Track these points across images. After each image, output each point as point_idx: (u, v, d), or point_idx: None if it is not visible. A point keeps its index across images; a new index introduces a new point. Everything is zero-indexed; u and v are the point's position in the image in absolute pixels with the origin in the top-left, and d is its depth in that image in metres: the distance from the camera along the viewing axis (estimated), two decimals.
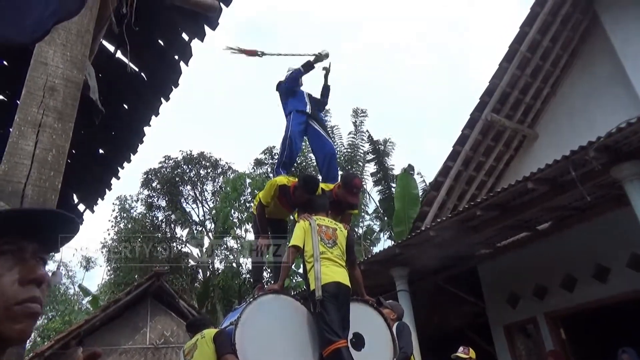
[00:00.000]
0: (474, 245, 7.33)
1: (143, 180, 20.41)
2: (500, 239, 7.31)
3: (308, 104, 5.31)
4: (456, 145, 8.69)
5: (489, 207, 5.96)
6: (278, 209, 4.50)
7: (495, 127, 8.66)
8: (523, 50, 8.18)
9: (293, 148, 5.06)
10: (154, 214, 20.52)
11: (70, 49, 2.08)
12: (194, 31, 3.06)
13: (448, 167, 8.78)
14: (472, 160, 8.86)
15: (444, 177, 8.81)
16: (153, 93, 3.46)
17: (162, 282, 10.16)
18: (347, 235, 3.78)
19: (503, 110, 8.63)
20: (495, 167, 9.13)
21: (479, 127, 8.54)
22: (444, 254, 7.14)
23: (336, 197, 4.35)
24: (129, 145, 3.91)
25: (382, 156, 15.63)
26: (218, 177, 21.17)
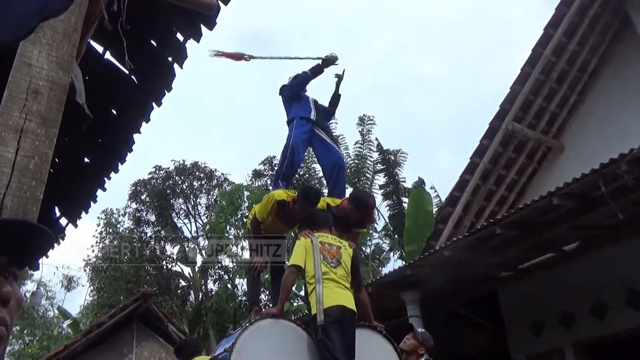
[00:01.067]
0: (493, 267, 7.29)
1: (131, 193, 20.48)
2: (522, 260, 7.27)
3: (313, 110, 5.33)
4: (474, 157, 8.69)
5: (510, 225, 5.94)
6: (276, 225, 4.49)
7: (517, 138, 8.66)
8: (547, 54, 8.21)
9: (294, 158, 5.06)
10: (143, 230, 20.52)
11: (57, 49, 2.11)
12: (190, 31, 3.10)
13: (465, 181, 8.77)
14: (491, 174, 8.84)
15: (460, 192, 8.79)
16: (144, 97, 3.50)
17: (149, 304, 10.13)
18: (352, 254, 3.78)
19: (526, 119, 8.64)
20: (516, 181, 9.11)
21: (499, 138, 8.54)
22: (460, 276, 7.10)
23: (344, 213, 4.34)
24: (117, 153, 3.94)
25: (393, 167, 15.65)
26: (213, 189, 21.21)
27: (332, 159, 5.24)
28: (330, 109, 5.68)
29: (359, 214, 4.24)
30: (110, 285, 18.96)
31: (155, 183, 20.58)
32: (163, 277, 19.80)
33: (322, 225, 3.98)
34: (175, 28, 3.17)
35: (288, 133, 5.27)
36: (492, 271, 7.50)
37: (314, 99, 5.56)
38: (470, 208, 8.88)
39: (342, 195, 5.10)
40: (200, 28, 3.06)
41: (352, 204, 4.32)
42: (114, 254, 19.26)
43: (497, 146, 8.62)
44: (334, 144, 5.42)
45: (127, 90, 3.47)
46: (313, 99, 5.53)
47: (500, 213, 7.92)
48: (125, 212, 20.88)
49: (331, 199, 4.57)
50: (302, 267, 3.61)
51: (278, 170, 5.34)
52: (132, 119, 3.66)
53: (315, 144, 5.34)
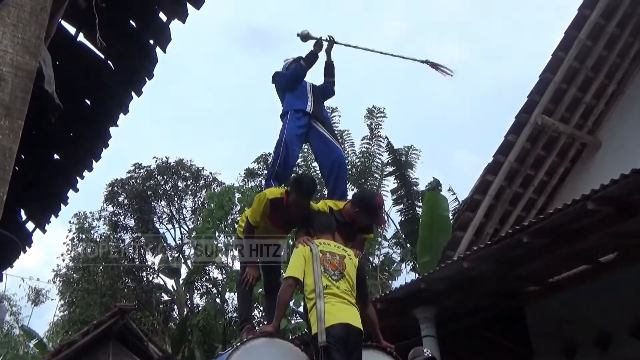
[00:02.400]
0: (519, 280, 7.28)
1: (107, 194, 20.49)
2: (552, 273, 7.26)
3: (310, 99, 5.33)
4: (498, 154, 8.68)
5: (538, 232, 5.93)
6: (269, 230, 4.50)
7: (547, 133, 8.65)
8: (583, 37, 8.20)
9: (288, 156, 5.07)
10: (120, 236, 20.56)
11: (22, 30, 2.12)
12: (174, 10, 3.11)
13: (487, 182, 8.76)
14: (517, 174, 8.83)
15: (482, 195, 8.78)
16: (122, 86, 3.50)
17: (127, 321, 10.14)
18: (358, 265, 3.78)
19: (557, 112, 8.63)
20: (546, 183, 9.10)
21: (526, 133, 8.53)
22: (481, 291, 7.09)
23: (348, 218, 4.35)
24: (91, 149, 3.95)
25: (404, 168, 15.63)
26: (200, 190, 21.23)
27: (331, 156, 5.25)
28: (328, 82, 5.67)
29: (365, 215, 4.25)
30: (83, 299, 18.97)
31: (135, 183, 20.60)
32: (143, 290, 19.81)
33: (323, 230, 3.98)
34: (158, 7, 3.18)
35: (281, 128, 5.28)
36: (517, 285, 7.48)
37: (311, 84, 5.56)
38: (493, 213, 8.87)
39: (343, 197, 5.11)
40: (186, 6, 3.07)
41: (357, 204, 4.33)
42: (88, 263, 19.28)
43: (525, 142, 8.60)
44: (333, 139, 5.42)
45: (102, 77, 3.48)
46: (310, 84, 5.53)
47: (528, 219, 7.90)
48: (101, 216, 20.92)
49: (333, 202, 4.58)
50: (301, 279, 3.62)
51: (270, 170, 5.35)
52: (108, 111, 3.66)
53: (313, 139, 5.35)
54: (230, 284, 16.01)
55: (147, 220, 20.63)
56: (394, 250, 17.24)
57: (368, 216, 4.25)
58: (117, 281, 19.38)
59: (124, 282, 19.95)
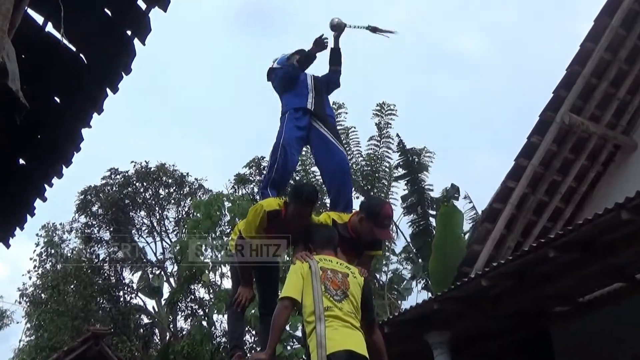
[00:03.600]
0: (545, 300, 7.28)
1: (79, 203, 20.50)
2: (582, 291, 7.26)
3: (311, 94, 5.34)
4: (520, 158, 8.69)
5: (566, 246, 5.94)
6: None
7: (575, 133, 8.66)
8: (615, 25, 8.21)
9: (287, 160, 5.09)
10: (94, 251, 20.55)
11: None
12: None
13: (508, 189, 8.76)
14: (542, 180, 8.84)
15: (502, 203, 8.79)
16: (95, 82, 3.52)
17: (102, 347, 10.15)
18: (363, 285, 3.79)
19: (586, 110, 8.64)
20: (575, 190, 9.10)
21: (552, 133, 8.54)
22: (501, 312, 7.09)
23: (353, 233, 4.35)
24: (61, 153, 3.96)
25: (417, 172, 15.66)
26: (184, 199, 21.23)
27: (333, 161, 5.26)
28: (333, 71, 5.68)
29: (369, 224, 4.25)
30: (52, 322, 18.94)
31: (110, 191, 20.60)
32: (120, 312, 19.78)
33: (324, 245, 3.98)
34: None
35: (279, 129, 5.29)
36: (543, 305, 7.48)
37: (313, 76, 5.57)
38: (515, 224, 8.87)
39: (348, 207, 5.11)
40: None
41: (362, 210, 4.34)
42: (57, 281, 19.24)
43: (550, 144, 8.61)
44: (336, 141, 5.43)
45: (74, 72, 3.49)
46: (311, 77, 5.55)
47: (554, 231, 7.89)
48: (72, 228, 20.92)
49: (337, 214, 4.59)
50: (298, 300, 3.62)
51: (266, 176, 5.36)
52: (80, 110, 3.68)
53: (314, 141, 5.36)
54: (219, 305, 15.97)
55: (125, 232, 20.60)
56: (404, 266, 17.25)
57: (373, 225, 4.25)
58: (90, 302, 19.33)
59: (99, 303, 19.91)
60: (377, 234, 4.32)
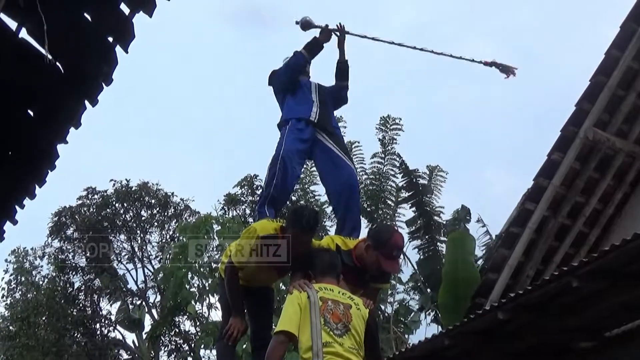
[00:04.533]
0: (568, 335, 7.25)
1: (52, 226, 20.45)
2: (610, 325, 7.22)
3: (315, 104, 5.35)
4: (540, 177, 8.70)
5: (592, 275, 5.91)
6: (260, 271, 4.49)
7: (600, 150, 8.67)
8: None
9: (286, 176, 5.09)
10: (68, 279, 20.45)
11: None
12: (139, 1, 3.14)
13: (527, 212, 8.76)
14: (564, 201, 8.84)
15: (520, 227, 8.78)
16: (73, 93, 3.52)
17: None
18: (367, 318, 3.77)
19: (612, 124, 8.67)
20: (600, 212, 9.10)
21: (575, 150, 8.55)
22: (520, 348, 7.06)
23: (359, 261, 4.34)
24: (34, 171, 3.95)
25: (424, 194, 15.65)
26: (169, 221, 21.19)
27: (341, 177, 5.26)
28: (340, 86, 5.70)
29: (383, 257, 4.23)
30: (22, 357, 18.81)
31: (87, 212, 20.57)
32: (96, 347, 19.66)
33: (325, 272, 3.97)
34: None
35: (278, 140, 5.29)
36: (566, 340, 7.45)
37: (318, 85, 5.58)
38: (535, 250, 8.86)
39: (356, 229, 5.11)
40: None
41: (370, 242, 4.32)
42: (28, 312, 19.14)
43: (573, 162, 8.62)
44: (344, 155, 5.42)
45: (50, 82, 3.50)
46: (316, 85, 5.55)
47: (578, 258, 7.87)
48: (44, 253, 20.89)
49: (342, 239, 4.57)
50: (295, 334, 3.60)
51: (263, 193, 5.35)
52: (56, 124, 3.67)
53: (318, 155, 5.36)
54: (206, 339, 15.89)
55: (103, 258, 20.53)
56: (411, 296, 17.17)
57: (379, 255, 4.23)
58: (64, 335, 19.22)
59: (73, 337, 19.79)
60: (384, 266, 4.29)
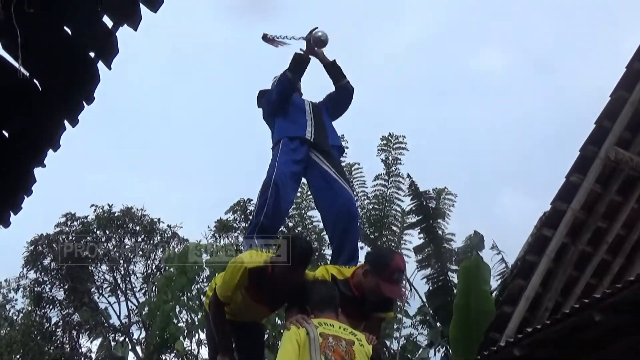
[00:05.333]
0: None
1: (28, 256, 20.44)
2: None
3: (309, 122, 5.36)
4: (558, 200, 8.71)
5: (615, 307, 5.92)
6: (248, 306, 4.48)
7: (622, 171, 8.69)
8: None
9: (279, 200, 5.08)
10: (45, 313, 20.38)
11: None
12: (123, 13, 3.16)
13: (544, 238, 8.76)
14: (584, 227, 8.85)
15: (537, 255, 8.78)
16: (52, 113, 3.53)
17: None
18: (371, 354, 3.77)
19: (636, 143, 8.70)
20: (624, 239, 9.10)
21: (595, 171, 8.58)
22: None
23: (358, 290, 4.33)
24: (9, 197, 3.96)
25: (433, 219, 15.65)
26: (155, 250, 21.15)
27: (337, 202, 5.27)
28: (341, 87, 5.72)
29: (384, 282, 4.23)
30: None
31: (66, 241, 20.53)
32: None
33: (324, 306, 3.98)
34: (102, 9, 3.23)
35: (270, 162, 5.30)
36: None
37: (311, 103, 5.60)
38: (553, 280, 8.85)
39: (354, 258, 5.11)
40: (139, 9, 3.12)
41: (368, 262, 4.33)
42: (1, 350, 19.04)
43: (593, 184, 8.64)
44: (341, 179, 5.43)
45: (27, 101, 3.51)
46: (310, 104, 5.58)
47: (601, 289, 7.87)
48: (19, 285, 20.84)
49: (337, 268, 4.57)
50: None
51: (253, 220, 5.34)
52: (32, 146, 3.68)
53: (313, 178, 5.37)
54: None
55: (82, 291, 20.48)
56: (419, 330, 17.13)
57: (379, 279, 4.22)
58: None
59: None
60: (385, 291, 4.26)
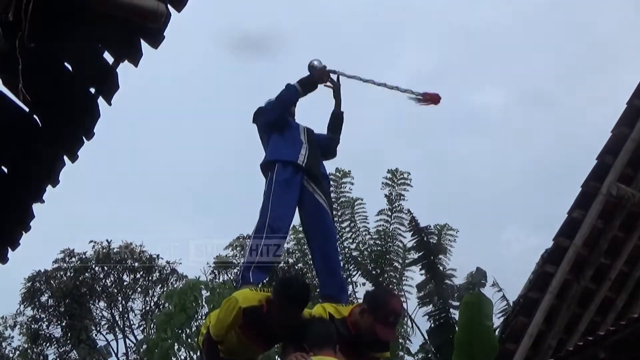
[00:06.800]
0: None
1: (25, 292, 20.36)
2: None
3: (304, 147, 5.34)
4: (560, 237, 8.70)
5: (620, 345, 5.89)
6: (243, 345, 4.45)
7: (625, 207, 8.69)
8: None
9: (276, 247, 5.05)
10: (42, 350, 20.26)
11: None
12: (124, 50, 3.19)
13: (547, 275, 8.73)
14: (587, 263, 8.82)
15: (539, 292, 8.74)
16: (52, 148, 3.54)
17: None
18: None
19: (638, 179, 8.70)
20: (628, 275, 9.07)
21: (597, 207, 8.57)
22: None
23: (354, 329, 4.32)
24: (6, 233, 3.96)
25: (434, 255, 15.61)
26: (153, 286, 21.07)
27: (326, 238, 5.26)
28: (331, 137, 5.72)
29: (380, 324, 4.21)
30: None
31: (64, 277, 20.47)
32: None
33: (322, 344, 3.96)
34: (103, 45, 3.25)
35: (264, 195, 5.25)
36: None
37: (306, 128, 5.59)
38: (557, 318, 8.80)
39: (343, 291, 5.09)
40: (140, 45, 3.14)
41: (366, 305, 4.31)
42: None
43: (595, 220, 8.63)
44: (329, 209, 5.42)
45: (27, 137, 3.52)
46: (305, 129, 5.56)
47: (605, 326, 7.82)
48: (16, 322, 20.73)
49: (334, 306, 4.55)
50: None
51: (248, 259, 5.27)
52: (31, 181, 3.69)
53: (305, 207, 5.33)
54: None
55: (80, 328, 20.36)
56: None
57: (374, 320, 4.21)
58: None
59: None
60: (379, 333, 4.24)
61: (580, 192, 8.66)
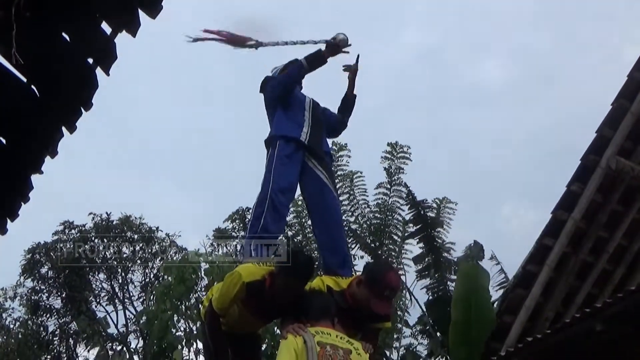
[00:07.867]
0: None
1: (25, 264, 20.40)
2: None
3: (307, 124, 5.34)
4: (558, 210, 8.71)
5: (616, 317, 5.91)
6: (245, 319, 4.47)
7: (624, 180, 8.70)
8: None
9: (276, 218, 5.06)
10: (42, 322, 20.34)
11: None
12: (121, 19, 3.17)
13: (545, 248, 8.76)
14: (585, 237, 8.84)
15: (538, 265, 8.77)
16: (50, 119, 3.53)
17: None
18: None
19: (637, 152, 8.70)
20: (626, 249, 9.10)
21: (596, 180, 8.57)
22: None
23: (352, 300, 4.34)
24: (5, 205, 3.96)
25: (433, 228, 15.63)
26: (153, 258, 21.12)
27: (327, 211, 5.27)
28: (341, 119, 5.73)
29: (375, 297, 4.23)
30: None
31: (64, 249, 20.51)
32: None
33: (319, 315, 3.98)
34: (100, 15, 3.24)
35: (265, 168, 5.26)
36: None
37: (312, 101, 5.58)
38: (554, 290, 8.84)
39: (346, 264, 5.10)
40: (138, 15, 3.12)
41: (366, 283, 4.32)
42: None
43: (594, 194, 8.64)
44: (332, 186, 5.43)
45: (25, 107, 3.51)
46: (311, 101, 5.55)
47: (602, 299, 7.86)
48: (16, 293, 20.79)
49: (333, 279, 4.57)
50: None
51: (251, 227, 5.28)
52: (30, 152, 3.68)
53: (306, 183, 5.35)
54: None
55: (80, 299, 20.44)
56: (419, 340, 17.07)
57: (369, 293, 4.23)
58: None
59: None
60: (373, 305, 4.27)
61: (579, 165, 8.66)
